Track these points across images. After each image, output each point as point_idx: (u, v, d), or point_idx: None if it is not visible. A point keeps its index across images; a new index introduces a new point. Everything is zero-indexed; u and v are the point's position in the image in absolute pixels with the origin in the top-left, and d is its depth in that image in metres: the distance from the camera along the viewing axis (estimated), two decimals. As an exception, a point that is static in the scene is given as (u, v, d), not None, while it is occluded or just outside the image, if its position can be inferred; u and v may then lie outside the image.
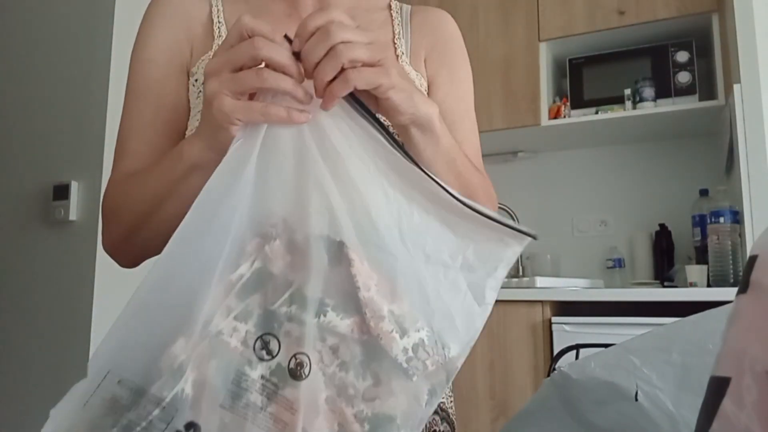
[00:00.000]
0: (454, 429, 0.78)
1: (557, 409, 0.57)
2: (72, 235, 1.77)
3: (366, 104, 0.52)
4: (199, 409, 0.45)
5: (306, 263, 0.48)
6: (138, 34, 0.78)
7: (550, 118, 2.43)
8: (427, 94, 0.82)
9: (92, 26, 1.84)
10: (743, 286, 0.36)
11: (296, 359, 0.47)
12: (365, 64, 0.51)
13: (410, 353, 0.49)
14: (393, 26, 0.84)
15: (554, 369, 1.05)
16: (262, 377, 0.46)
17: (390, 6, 0.87)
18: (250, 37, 0.50)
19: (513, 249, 0.53)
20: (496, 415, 2.00)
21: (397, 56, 0.81)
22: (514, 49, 2.51)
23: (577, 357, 1.01)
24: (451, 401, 0.80)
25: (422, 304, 0.50)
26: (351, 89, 0.50)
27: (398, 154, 0.51)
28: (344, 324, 0.48)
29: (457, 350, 0.51)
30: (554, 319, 1.96)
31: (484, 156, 0.86)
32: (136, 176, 0.69)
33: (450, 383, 0.74)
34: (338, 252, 0.49)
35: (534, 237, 0.52)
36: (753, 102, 1.95)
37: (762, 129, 1.93)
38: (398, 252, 0.50)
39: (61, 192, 1.77)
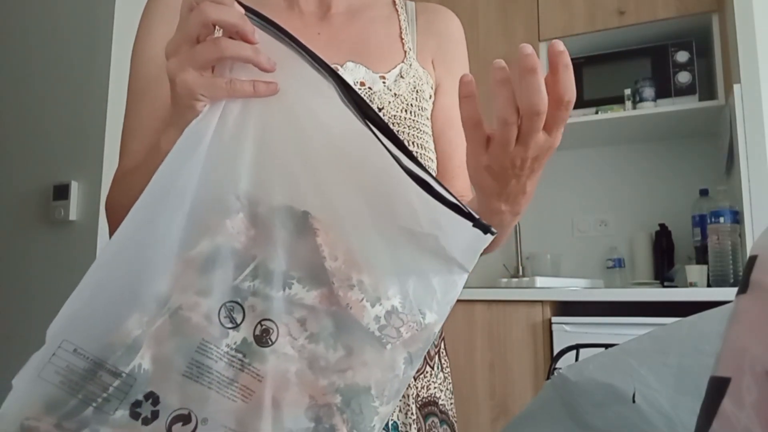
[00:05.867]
0: (454, 431, 0.78)
1: (556, 412, 0.57)
2: (72, 235, 1.77)
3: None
4: (158, 381, 0.44)
5: (269, 236, 0.47)
6: (137, 31, 0.78)
7: (550, 118, 2.42)
8: (434, 95, 0.83)
9: (92, 26, 1.84)
10: (743, 286, 0.36)
11: (262, 326, 0.46)
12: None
13: (383, 321, 0.47)
14: (399, 22, 0.84)
15: (554, 369, 1.05)
16: (227, 346, 0.45)
17: (394, 1, 0.87)
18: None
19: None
20: (496, 415, 2.00)
21: (405, 52, 0.81)
22: (514, 48, 2.49)
23: (577, 357, 1.00)
24: (451, 403, 0.80)
25: (395, 270, 0.49)
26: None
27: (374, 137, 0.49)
28: (311, 296, 0.47)
29: (434, 316, 0.49)
30: (554, 319, 1.96)
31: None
32: (130, 174, 0.69)
33: (439, 361, 0.73)
34: (303, 222, 0.48)
35: (492, 232, 0.49)
36: (753, 102, 1.95)
37: (762, 129, 1.93)
38: (367, 218, 0.49)
39: (61, 192, 1.77)
